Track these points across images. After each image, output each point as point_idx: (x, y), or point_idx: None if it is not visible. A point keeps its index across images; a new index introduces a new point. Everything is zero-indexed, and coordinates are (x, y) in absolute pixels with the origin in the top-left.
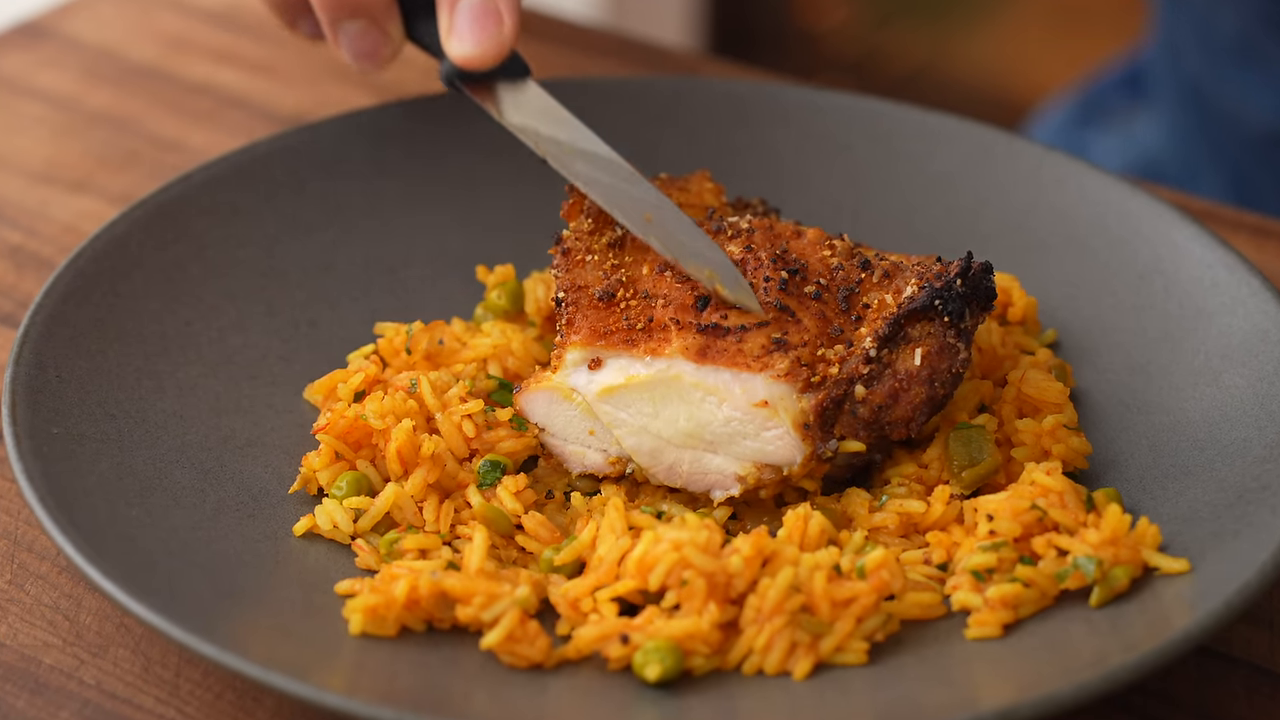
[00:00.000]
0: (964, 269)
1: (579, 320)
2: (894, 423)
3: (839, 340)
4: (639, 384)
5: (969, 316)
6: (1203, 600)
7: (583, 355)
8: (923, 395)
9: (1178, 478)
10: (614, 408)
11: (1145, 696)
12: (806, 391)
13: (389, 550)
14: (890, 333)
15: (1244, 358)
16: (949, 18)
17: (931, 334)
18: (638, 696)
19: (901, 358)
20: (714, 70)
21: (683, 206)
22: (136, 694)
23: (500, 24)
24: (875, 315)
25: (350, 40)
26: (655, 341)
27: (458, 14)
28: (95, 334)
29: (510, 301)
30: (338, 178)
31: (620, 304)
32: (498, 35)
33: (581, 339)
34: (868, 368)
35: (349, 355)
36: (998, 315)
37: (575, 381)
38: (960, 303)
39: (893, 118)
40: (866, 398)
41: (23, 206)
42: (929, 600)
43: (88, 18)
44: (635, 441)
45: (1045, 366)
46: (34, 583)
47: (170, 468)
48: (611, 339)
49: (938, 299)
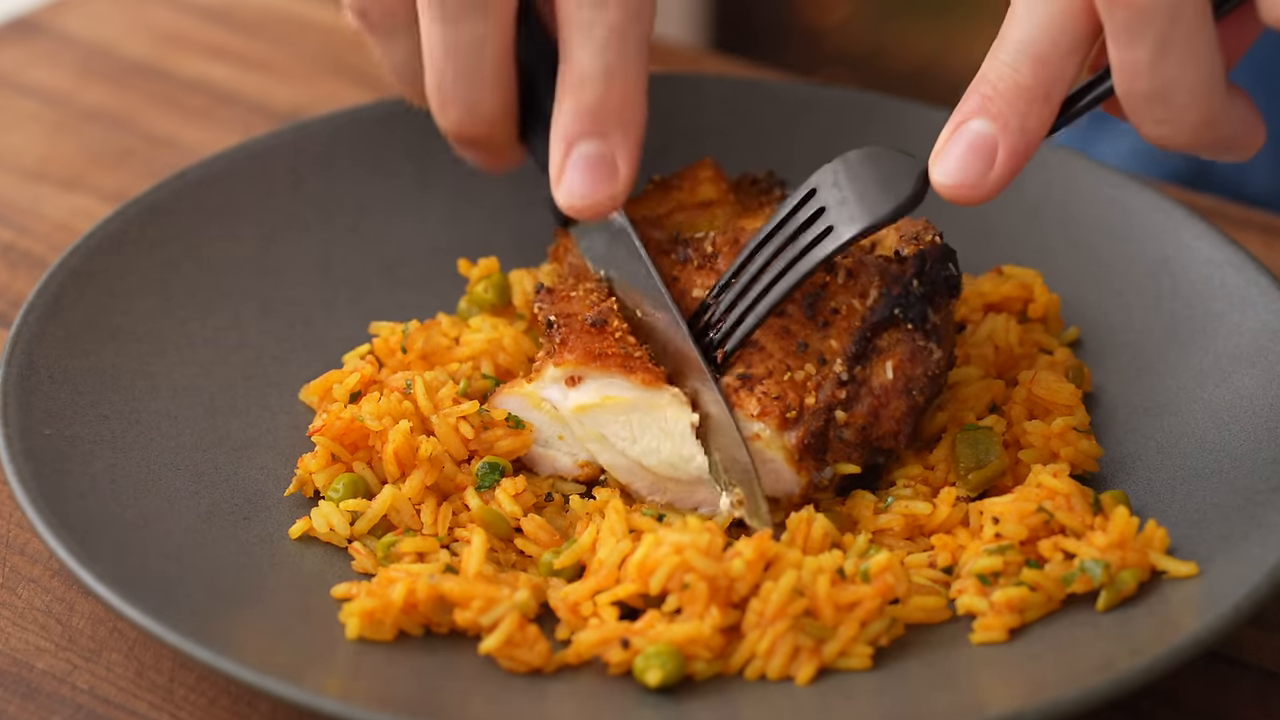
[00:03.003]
0: (919, 268)
1: (573, 340)
2: (882, 438)
3: (807, 358)
4: (616, 405)
5: (933, 314)
6: (1211, 604)
7: (561, 372)
8: (903, 407)
9: (1186, 480)
10: (591, 425)
11: (1153, 701)
12: (786, 429)
13: (386, 553)
14: (858, 350)
15: (1253, 358)
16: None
17: (900, 341)
18: (639, 701)
19: (874, 372)
20: (717, 66)
21: (682, 205)
22: (130, 699)
23: (615, 178)
24: (843, 321)
25: (469, 157)
26: (651, 375)
27: (571, 158)
28: (88, 334)
29: (497, 295)
30: (334, 175)
31: (615, 333)
32: (610, 190)
33: (576, 358)
34: (843, 390)
35: (344, 356)
36: (1018, 312)
37: (549, 394)
38: (921, 304)
39: (897, 114)
40: (848, 421)
41: (15, 204)
42: (934, 604)
43: (81, 14)
44: (610, 459)
45: (1061, 367)
46: (26, 586)
47: (164, 470)
48: (607, 361)
49: (896, 307)
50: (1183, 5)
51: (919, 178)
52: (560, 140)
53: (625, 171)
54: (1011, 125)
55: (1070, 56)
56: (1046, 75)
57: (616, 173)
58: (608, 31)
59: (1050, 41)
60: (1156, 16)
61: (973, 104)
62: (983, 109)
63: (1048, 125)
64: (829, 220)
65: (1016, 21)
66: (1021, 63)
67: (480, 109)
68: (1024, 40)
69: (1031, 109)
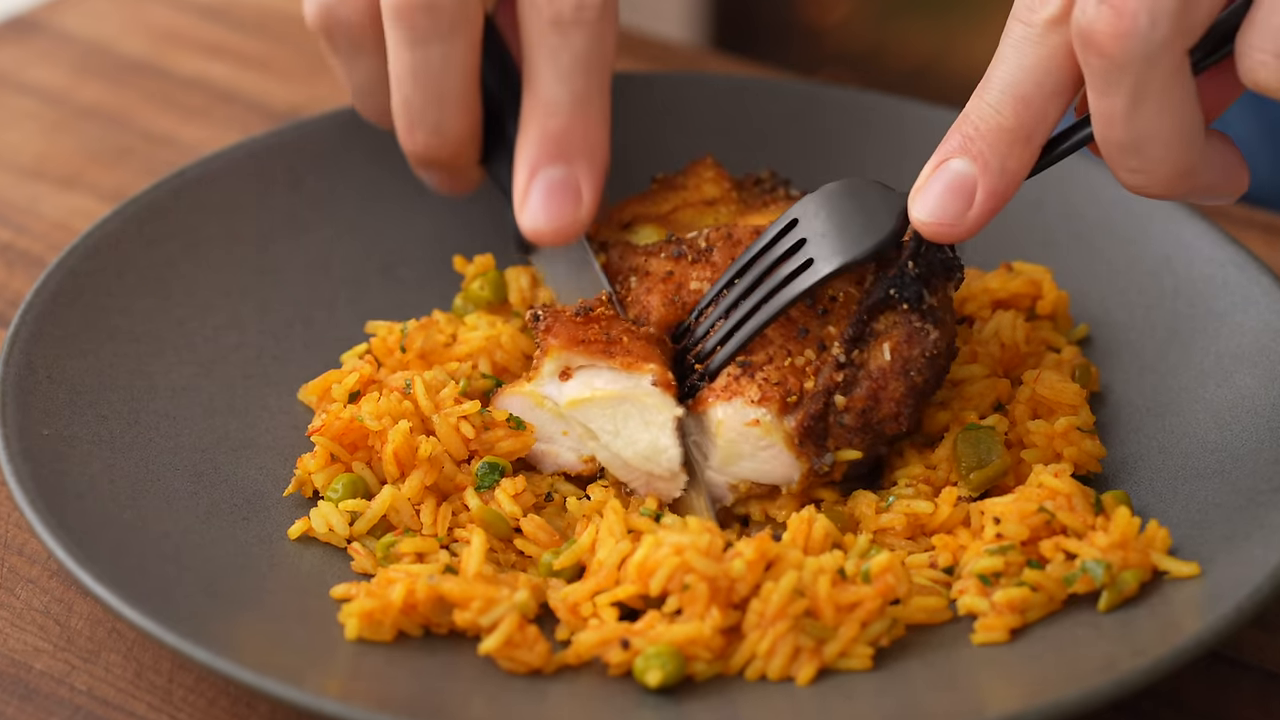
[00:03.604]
0: (914, 250)
1: (557, 327)
2: (883, 421)
3: (807, 343)
4: (605, 399)
5: (929, 296)
6: (1213, 604)
7: (557, 364)
8: (902, 388)
9: (1188, 480)
10: (583, 419)
11: (1155, 702)
12: (786, 413)
13: (385, 554)
14: (855, 333)
15: (1255, 357)
16: (954, 12)
17: (897, 323)
18: (639, 703)
19: (872, 356)
20: (717, 65)
21: (683, 204)
22: (128, 700)
23: (579, 204)
24: (841, 308)
25: (429, 179)
26: (632, 356)
27: (535, 184)
28: (86, 333)
29: (493, 292)
30: (333, 174)
31: (600, 320)
32: (574, 216)
33: (560, 342)
34: (841, 374)
35: (342, 356)
36: (1026, 309)
37: (548, 390)
38: (916, 286)
39: (898, 113)
40: (848, 405)
41: (13, 203)
42: (935, 604)
43: (79, 12)
44: (605, 456)
45: (1068, 366)
46: (24, 587)
47: (163, 470)
48: (590, 347)
49: (892, 288)
50: (1158, 57)
51: (900, 215)
52: (525, 166)
53: (589, 198)
54: (992, 166)
55: (1053, 100)
56: (1029, 117)
57: (580, 199)
58: (573, 59)
59: (1034, 84)
60: (1131, 67)
61: (954, 143)
62: (964, 149)
63: (1028, 167)
64: (810, 253)
65: (1002, 63)
66: (1004, 104)
67: (447, 131)
68: (1008, 82)
69: (1012, 150)
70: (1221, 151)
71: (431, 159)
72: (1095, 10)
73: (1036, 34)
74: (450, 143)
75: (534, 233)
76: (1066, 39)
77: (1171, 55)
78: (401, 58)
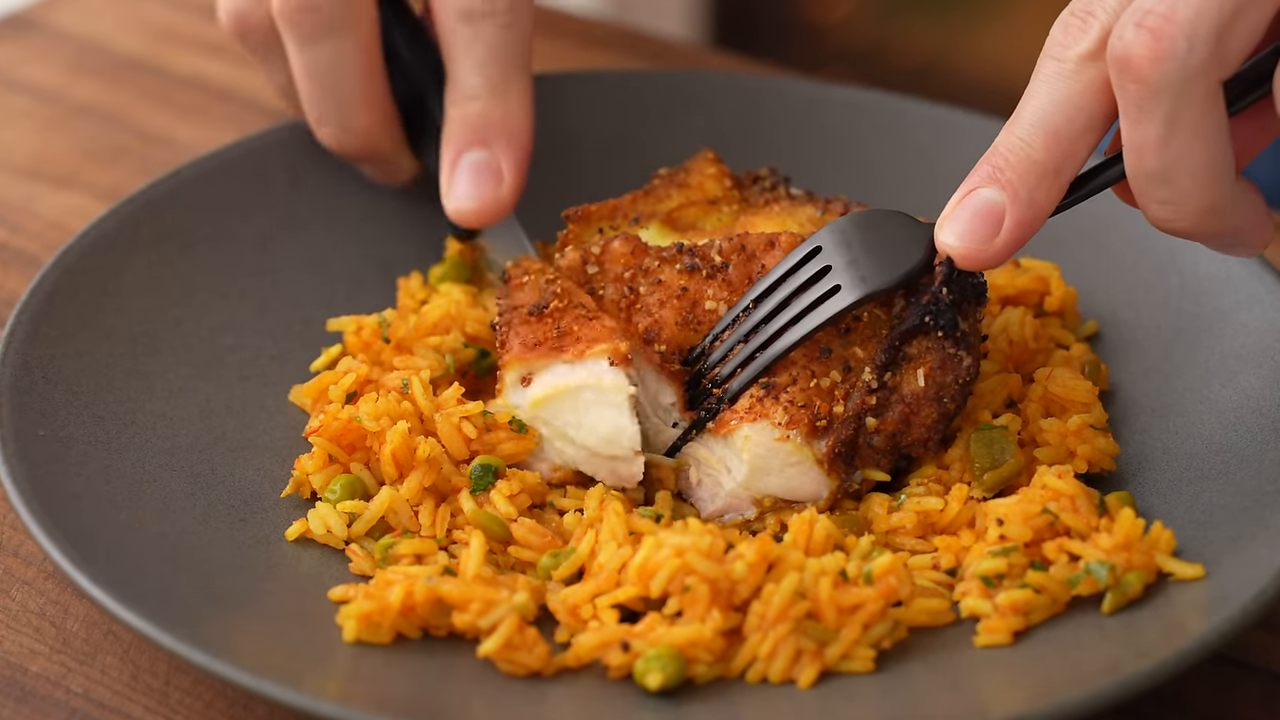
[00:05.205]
0: (947, 275)
1: (510, 338)
2: (911, 444)
3: (831, 364)
4: (564, 392)
5: (963, 322)
6: (1218, 606)
7: (516, 374)
8: (934, 414)
9: (1192, 481)
10: (546, 419)
11: (1159, 704)
12: (816, 438)
13: (384, 555)
14: (888, 359)
15: (1260, 358)
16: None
17: (930, 349)
18: (639, 705)
19: (905, 380)
20: (719, 63)
21: (685, 203)
22: (125, 702)
23: (499, 184)
24: (866, 328)
25: (366, 171)
26: (583, 343)
27: (458, 167)
28: (82, 333)
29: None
30: (331, 173)
31: (552, 315)
32: (495, 195)
33: (513, 355)
34: (873, 398)
35: (312, 365)
36: (1034, 305)
37: (515, 401)
38: (951, 312)
39: (901, 112)
40: (879, 428)
41: (8, 202)
42: (937, 606)
43: (74, 10)
44: (571, 453)
45: (1078, 363)
46: (20, 588)
47: (159, 471)
48: (541, 349)
49: (927, 315)
50: (1194, 83)
51: (928, 245)
52: (449, 152)
53: (510, 178)
54: (1021, 196)
55: (1083, 136)
56: (1059, 152)
57: (501, 179)
58: (486, 49)
59: (1065, 119)
60: (1167, 92)
61: (983, 173)
62: (993, 178)
63: (1056, 200)
64: (836, 279)
65: (1033, 97)
66: (1035, 137)
67: (353, 126)
68: (1039, 116)
69: (1041, 183)
70: (1250, 197)
71: (346, 153)
72: (1133, 34)
73: (1069, 70)
74: (359, 136)
75: (458, 214)
76: (1098, 75)
77: (1207, 82)
78: (295, 58)
